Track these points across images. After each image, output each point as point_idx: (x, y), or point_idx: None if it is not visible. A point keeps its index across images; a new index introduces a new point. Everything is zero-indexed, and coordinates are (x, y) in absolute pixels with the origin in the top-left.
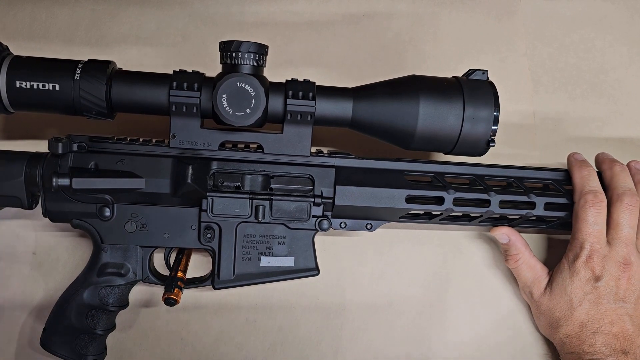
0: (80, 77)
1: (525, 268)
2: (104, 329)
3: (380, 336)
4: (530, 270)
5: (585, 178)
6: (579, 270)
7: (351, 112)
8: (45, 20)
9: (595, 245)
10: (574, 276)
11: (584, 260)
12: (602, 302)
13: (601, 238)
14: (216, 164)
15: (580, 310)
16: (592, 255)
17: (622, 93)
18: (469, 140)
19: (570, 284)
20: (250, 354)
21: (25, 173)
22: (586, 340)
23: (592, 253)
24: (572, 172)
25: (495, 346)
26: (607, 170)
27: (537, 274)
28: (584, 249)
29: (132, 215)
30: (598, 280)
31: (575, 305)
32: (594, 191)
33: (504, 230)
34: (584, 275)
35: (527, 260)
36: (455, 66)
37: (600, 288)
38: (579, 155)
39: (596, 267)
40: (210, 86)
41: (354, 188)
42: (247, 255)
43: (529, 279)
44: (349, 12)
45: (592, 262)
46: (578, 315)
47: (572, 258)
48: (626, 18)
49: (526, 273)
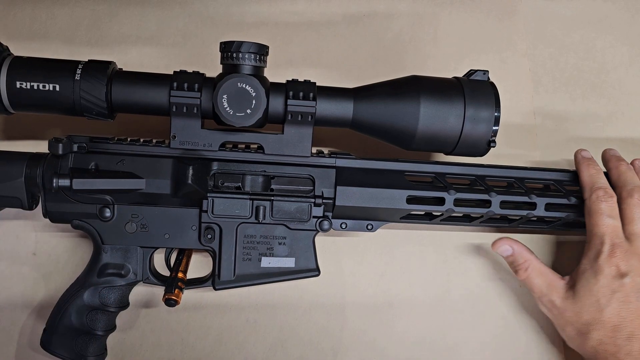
0: (80, 78)
1: (536, 275)
2: (104, 330)
3: (381, 337)
4: (541, 277)
5: (593, 176)
6: (603, 267)
7: (352, 113)
8: (45, 20)
9: (615, 239)
10: (598, 275)
11: (606, 256)
12: (631, 301)
13: (619, 232)
14: (217, 164)
15: (609, 311)
16: (614, 250)
17: (622, 93)
18: (469, 140)
19: (595, 283)
20: (251, 354)
21: (25, 174)
22: (622, 347)
23: (614, 247)
24: (580, 169)
25: (496, 348)
26: (613, 169)
27: (549, 279)
28: (604, 243)
29: (132, 215)
30: (624, 276)
31: (603, 305)
32: (604, 187)
33: (504, 242)
34: (609, 272)
35: (536, 266)
36: (456, 66)
37: (627, 285)
38: (586, 152)
39: (620, 263)
40: (211, 87)
41: (354, 189)
42: (247, 255)
43: (543, 286)
44: (349, 12)
45: (615, 258)
46: (608, 316)
47: (593, 256)
48: (626, 18)
49: (538, 280)
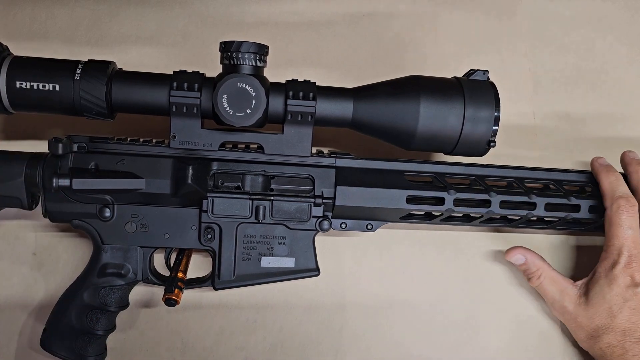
0: (80, 78)
1: (549, 282)
2: (104, 330)
3: (381, 336)
4: (554, 284)
5: (614, 183)
6: (618, 277)
7: (352, 113)
8: (45, 20)
9: (633, 250)
10: (612, 283)
11: (622, 266)
12: None
13: (637, 243)
14: (216, 164)
15: (621, 318)
16: (630, 261)
17: (622, 93)
18: (469, 140)
19: (609, 291)
20: (251, 354)
21: (25, 173)
22: (629, 349)
23: (631, 259)
24: (600, 177)
25: (497, 348)
26: (633, 174)
27: (562, 286)
28: (622, 254)
29: (132, 215)
30: (638, 286)
31: (616, 312)
32: (626, 195)
33: (517, 251)
34: (623, 282)
35: (549, 274)
36: (456, 66)
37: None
38: (602, 159)
39: (635, 274)
40: (211, 86)
41: (354, 188)
42: (247, 255)
43: (556, 293)
44: (349, 12)
45: (631, 268)
46: (619, 322)
47: (610, 265)
48: (626, 18)
49: (551, 287)
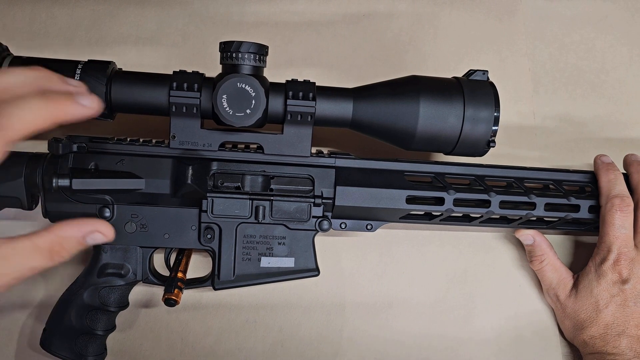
0: (80, 78)
1: (550, 270)
2: (104, 330)
3: (380, 336)
4: (555, 272)
5: (612, 182)
6: (606, 273)
7: (351, 113)
8: (45, 20)
9: (622, 248)
10: (600, 279)
11: (611, 263)
12: (628, 305)
13: (629, 242)
14: (216, 164)
15: (606, 312)
16: (619, 259)
17: (622, 93)
18: (469, 140)
19: (596, 286)
20: (251, 354)
21: (25, 174)
22: (610, 341)
23: (620, 256)
24: (599, 175)
25: (497, 348)
26: (634, 174)
27: (561, 276)
28: (611, 252)
29: (132, 215)
30: (625, 283)
31: (602, 307)
32: (621, 195)
33: (529, 231)
34: (611, 278)
35: (551, 261)
36: (456, 66)
37: (627, 291)
38: (606, 157)
39: (623, 270)
40: (210, 87)
41: (354, 189)
42: (247, 255)
43: (554, 281)
44: (349, 12)
45: (619, 266)
46: (604, 317)
47: (599, 261)
48: (627, 18)
49: (551, 275)
